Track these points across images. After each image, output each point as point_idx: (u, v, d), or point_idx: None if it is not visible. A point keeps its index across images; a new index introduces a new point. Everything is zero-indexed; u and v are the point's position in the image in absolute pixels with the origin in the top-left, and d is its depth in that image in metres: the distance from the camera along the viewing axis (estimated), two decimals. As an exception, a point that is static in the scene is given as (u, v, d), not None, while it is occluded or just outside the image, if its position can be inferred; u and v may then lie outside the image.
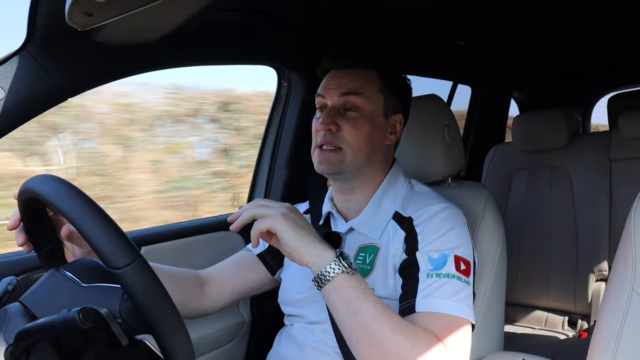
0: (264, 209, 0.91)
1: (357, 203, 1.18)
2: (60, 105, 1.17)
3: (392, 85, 1.16)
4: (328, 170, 1.11)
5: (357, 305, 0.86)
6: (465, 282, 0.99)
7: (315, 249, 0.89)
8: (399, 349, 0.85)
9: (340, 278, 0.87)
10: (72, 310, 0.61)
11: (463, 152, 1.34)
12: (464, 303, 0.97)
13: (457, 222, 1.07)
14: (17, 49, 1.10)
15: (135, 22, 1.00)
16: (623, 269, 0.89)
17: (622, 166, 2.27)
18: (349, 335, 0.89)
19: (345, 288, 0.87)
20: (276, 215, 0.89)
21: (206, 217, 1.75)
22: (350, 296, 0.87)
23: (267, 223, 0.89)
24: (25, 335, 0.65)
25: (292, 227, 0.89)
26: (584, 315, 2.24)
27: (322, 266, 0.87)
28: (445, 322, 0.95)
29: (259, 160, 1.86)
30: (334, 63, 1.17)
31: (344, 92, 1.12)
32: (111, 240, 0.64)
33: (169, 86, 2.93)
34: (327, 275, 0.87)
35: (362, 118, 1.11)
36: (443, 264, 1.00)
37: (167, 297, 0.67)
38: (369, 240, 1.13)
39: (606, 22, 1.83)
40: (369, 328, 0.86)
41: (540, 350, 2.01)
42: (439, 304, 0.96)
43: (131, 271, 0.64)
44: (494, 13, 1.70)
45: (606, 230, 2.22)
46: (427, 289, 0.98)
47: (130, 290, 0.64)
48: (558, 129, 2.34)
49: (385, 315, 0.87)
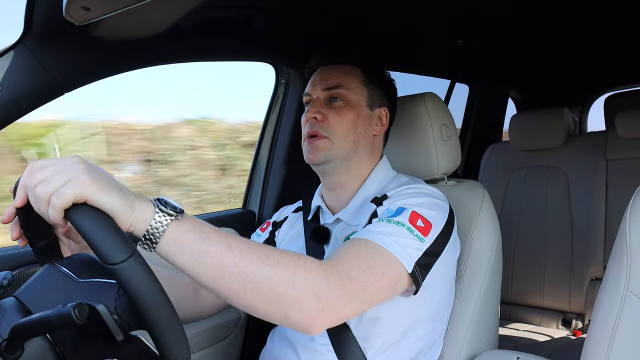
0: (44, 170, 0.68)
1: (344, 197, 1.20)
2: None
3: (375, 79, 1.20)
4: (316, 160, 1.13)
5: (202, 248, 0.73)
6: (416, 236, 0.95)
7: (133, 204, 0.70)
8: (263, 270, 0.75)
9: (172, 227, 0.71)
10: (67, 306, 0.61)
11: (460, 151, 1.35)
12: (402, 247, 0.92)
13: (433, 197, 1.06)
14: (14, 42, 1.09)
15: (132, 17, 1.00)
16: (618, 269, 0.90)
17: (618, 166, 2.27)
18: (208, 281, 0.75)
19: (181, 236, 0.72)
20: (75, 173, 0.67)
21: (199, 213, 1.75)
22: (189, 242, 0.72)
23: (71, 189, 0.65)
24: (20, 330, 0.65)
25: (105, 186, 0.68)
26: (579, 315, 2.25)
27: (147, 223, 0.70)
28: (365, 245, 0.90)
29: (256, 157, 1.86)
30: (319, 62, 1.21)
31: (328, 86, 1.16)
32: (107, 236, 0.64)
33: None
34: (156, 232, 0.70)
35: (346, 107, 1.15)
36: (398, 214, 0.98)
37: (163, 293, 0.66)
38: (352, 228, 1.15)
39: (604, 21, 1.83)
40: (225, 265, 0.74)
41: (534, 349, 2.02)
42: (373, 235, 0.93)
43: (127, 266, 0.63)
44: (491, 12, 1.70)
45: (601, 230, 2.23)
46: (371, 228, 0.97)
47: (125, 286, 0.64)
48: (555, 129, 2.34)
49: (235, 242, 0.76)
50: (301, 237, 1.24)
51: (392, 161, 1.26)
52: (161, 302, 0.66)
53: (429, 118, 1.29)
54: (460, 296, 1.18)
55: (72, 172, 0.67)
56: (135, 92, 2.56)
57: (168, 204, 0.72)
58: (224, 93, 3.63)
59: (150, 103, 3.26)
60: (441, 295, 1.11)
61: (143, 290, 0.64)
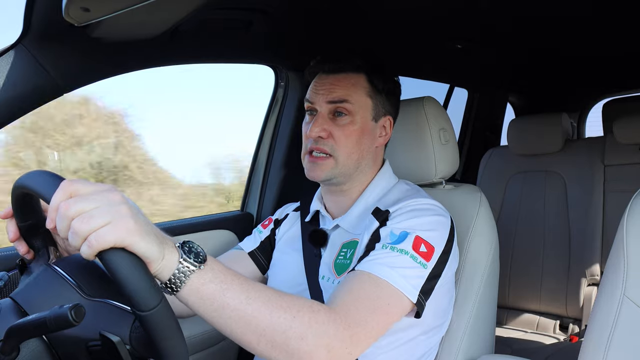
0: (84, 201, 0.63)
1: (345, 203, 1.19)
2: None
3: (380, 86, 1.17)
4: (318, 178, 1.13)
5: (221, 300, 0.73)
6: (420, 263, 0.96)
7: (165, 250, 0.69)
8: (279, 324, 0.76)
9: (195, 278, 0.71)
10: (64, 307, 0.61)
11: (458, 155, 1.35)
12: (407, 279, 0.93)
13: (435, 215, 1.06)
14: (12, 43, 1.09)
15: (132, 18, 1.00)
16: (615, 274, 0.90)
17: (616, 172, 2.28)
18: (224, 330, 0.76)
19: (202, 287, 0.71)
20: (117, 215, 0.63)
21: (198, 215, 1.75)
22: (209, 293, 0.72)
23: (113, 234, 0.62)
24: (16, 332, 0.64)
25: (145, 233, 0.65)
26: (576, 319, 2.26)
27: (171, 271, 0.69)
28: (370, 282, 0.91)
29: (255, 160, 1.86)
30: (322, 67, 1.18)
31: (333, 99, 1.13)
32: (141, 285, 0.63)
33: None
34: (178, 281, 0.70)
35: (351, 124, 1.13)
36: (401, 240, 0.98)
37: (181, 333, 0.68)
38: (351, 236, 1.14)
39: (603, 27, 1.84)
40: (242, 317, 0.74)
41: (531, 354, 2.02)
42: (378, 268, 0.93)
43: (156, 314, 0.63)
44: (491, 17, 1.70)
45: (599, 235, 2.23)
46: (375, 256, 0.97)
47: (152, 332, 0.64)
48: (553, 134, 2.35)
49: (254, 294, 0.76)
50: (299, 239, 1.24)
51: (390, 165, 1.26)
52: (179, 344, 0.67)
53: (428, 122, 1.29)
54: (457, 300, 1.18)
55: (115, 214, 0.63)
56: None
57: (192, 251, 0.71)
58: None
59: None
60: (440, 307, 1.11)
61: (167, 335, 0.65)
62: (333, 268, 1.13)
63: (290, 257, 1.23)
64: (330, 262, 1.14)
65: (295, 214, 1.32)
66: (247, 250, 1.31)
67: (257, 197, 1.82)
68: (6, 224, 0.83)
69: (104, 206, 0.63)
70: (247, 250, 1.31)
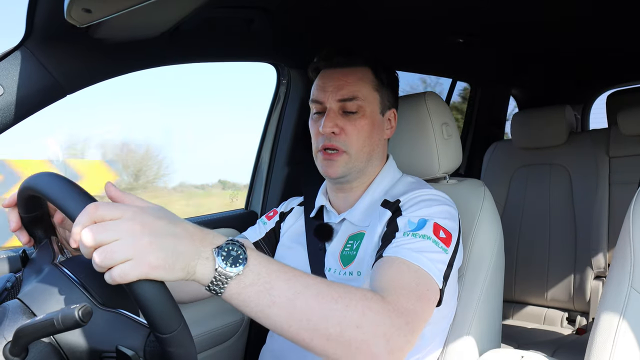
0: (107, 231, 0.61)
1: (351, 198, 1.20)
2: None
3: (385, 79, 1.19)
4: (335, 175, 1.14)
5: (266, 300, 0.70)
6: (442, 248, 0.97)
7: (196, 268, 0.67)
8: (332, 316, 0.73)
9: (233, 284, 0.68)
10: (72, 308, 0.61)
11: (461, 150, 1.35)
12: (434, 263, 0.94)
13: (445, 205, 1.07)
14: (16, 45, 1.10)
15: (134, 19, 1.00)
16: (621, 267, 0.89)
17: (621, 163, 2.27)
18: (275, 329, 0.73)
19: (243, 291, 0.69)
20: (140, 251, 0.62)
21: (202, 215, 1.75)
22: (252, 295, 0.69)
23: (135, 270, 0.61)
24: (24, 333, 0.65)
25: (169, 264, 0.63)
26: (583, 312, 2.25)
27: (208, 279, 0.67)
28: (407, 269, 0.91)
29: (258, 157, 1.86)
30: (328, 62, 1.18)
31: (342, 97, 1.13)
32: (163, 310, 0.63)
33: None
34: (217, 288, 0.68)
35: (362, 118, 1.14)
36: (421, 227, 0.99)
37: (196, 355, 0.68)
38: (358, 229, 1.15)
39: (606, 19, 1.83)
40: (291, 314, 0.71)
41: (539, 347, 2.01)
42: (406, 253, 0.93)
43: (176, 336, 0.64)
44: (492, 10, 1.69)
45: (605, 228, 2.22)
46: (399, 243, 0.97)
47: (171, 354, 0.65)
48: (557, 126, 2.34)
49: (302, 288, 0.73)
50: (303, 234, 1.25)
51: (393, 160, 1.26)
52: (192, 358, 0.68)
53: (430, 117, 1.29)
54: (462, 295, 1.18)
55: (137, 250, 0.61)
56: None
57: (230, 255, 0.68)
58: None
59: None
60: (448, 298, 1.11)
61: (183, 352, 0.66)
62: (339, 259, 1.15)
63: (295, 251, 1.24)
64: (337, 254, 1.16)
65: (300, 208, 1.33)
66: (252, 240, 1.31)
67: (261, 195, 1.83)
68: (7, 212, 0.82)
69: (126, 238, 0.61)
70: (252, 240, 1.32)
